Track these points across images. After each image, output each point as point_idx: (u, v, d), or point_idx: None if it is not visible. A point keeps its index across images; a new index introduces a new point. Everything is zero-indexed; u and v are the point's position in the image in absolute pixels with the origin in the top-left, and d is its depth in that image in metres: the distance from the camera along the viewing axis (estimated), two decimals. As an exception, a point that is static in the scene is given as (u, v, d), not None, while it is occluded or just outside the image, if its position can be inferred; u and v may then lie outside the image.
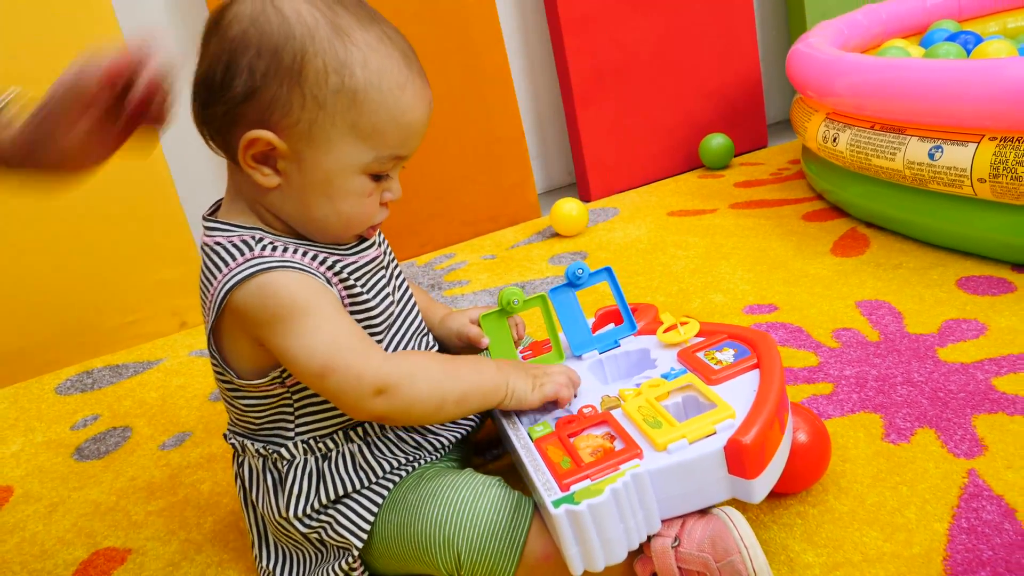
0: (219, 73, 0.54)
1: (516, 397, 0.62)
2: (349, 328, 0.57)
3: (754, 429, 0.53)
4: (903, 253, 1.08)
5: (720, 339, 0.68)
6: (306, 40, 0.53)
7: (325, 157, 0.56)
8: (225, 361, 0.60)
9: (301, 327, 0.55)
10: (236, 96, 0.54)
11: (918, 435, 0.70)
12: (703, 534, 0.54)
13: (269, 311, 0.55)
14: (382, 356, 0.58)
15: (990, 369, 0.78)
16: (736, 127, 1.78)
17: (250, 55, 0.53)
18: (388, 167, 0.59)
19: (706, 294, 1.09)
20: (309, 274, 0.56)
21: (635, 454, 0.55)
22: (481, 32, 1.51)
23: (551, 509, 0.51)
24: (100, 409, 1.12)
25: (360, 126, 0.55)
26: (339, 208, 0.58)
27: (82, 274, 1.29)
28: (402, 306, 0.67)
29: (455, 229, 1.56)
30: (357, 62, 0.54)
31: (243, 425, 0.64)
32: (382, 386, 0.56)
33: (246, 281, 0.55)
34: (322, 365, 0.55)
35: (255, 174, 0.56)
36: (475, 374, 0.62)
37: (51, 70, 0.58)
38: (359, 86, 0.55)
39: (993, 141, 0.93)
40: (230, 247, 0.57)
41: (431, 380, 0.58)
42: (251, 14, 0.54)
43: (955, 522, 0.60)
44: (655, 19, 1.66)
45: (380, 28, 0.56)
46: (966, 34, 1.43)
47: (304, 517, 0.61)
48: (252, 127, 0.54)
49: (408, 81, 0.57)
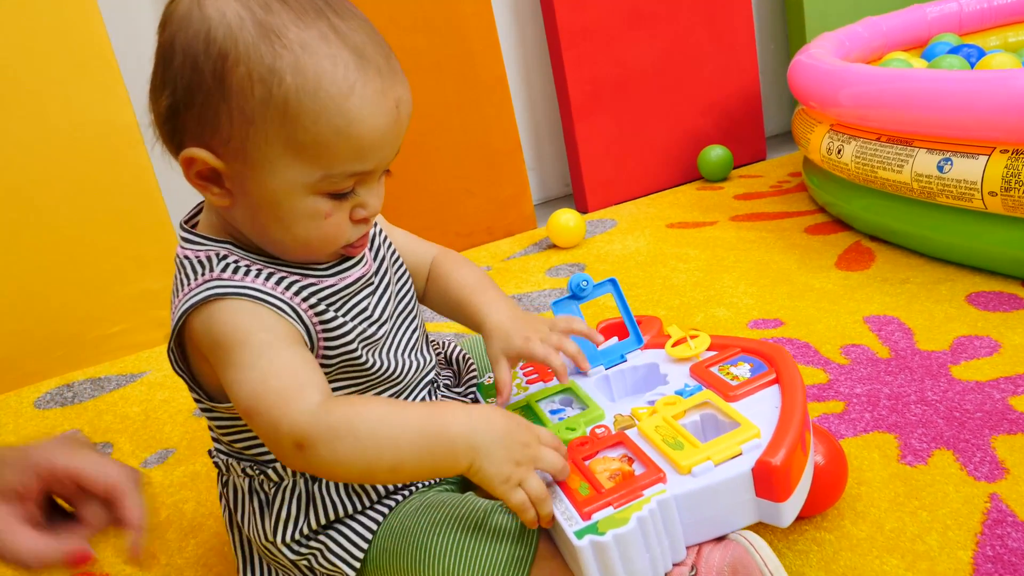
0: (156, 81, 0.50)
1: (481, 478, 0.49)
2: (285, 365, 0.49)
3: (783, 449, 0.50)
4: (910, 267, 1.06)
5: (734, 353, 0.65)
6: (227, 45, 0.46)
7: (267, 178, 0.49)
8: (195, 380, 0.56)
9: (235, 359, 0.49)
10: (163, 111, 0.50)
11: (935, 457, 0.67)
12: (722, 561, 0.50)
13: (212, 340, 0.50)
14: (310, 404, 0.48)
15: (1006, 388, 0.75)
16: (735, 139, 1.76)
17: (176, 65, 0.48)
18: (345, 185, 0.51)
19: (709, 308, 1.06)
20: (262, 303, 0.51)
21: (658, 478, 0.52)
22: (479, 43, 1.49)
23: (574, 541, 0.48)
24: (80, 424, 1.07)
25: (298, 141, 0.48)
26: (294, 232, 0.52)
27: (64, 283, 1.25)
28: (399, 321, 0.62)
29: (450, 240, 1.53)
30: (287, 67, 0.46)
31: (226, 443, 0.60)
32: (299, 440, 0.47)
33: (199, 307, 0.51)
34: (246, 406, 0.49)
35: (205, 193, 0.51)
36: (425, 440, 0.49)
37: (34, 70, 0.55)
38: (290, 95, 0.47)
39: (1005, 154, 0.90)
40: (195, 263, 0.53)
41: (360, 439, 0.48)
42: (179, 16, 0.48)
43: (980, 550, 0.57)
44: (654, 31, 1.64)
45: (327, 22, 0.48)
46: (968, 47, 1.42)
47: (292, 543, 0.57)
48: (190, 142, 0.49)
49: (357, 84, 0.48)
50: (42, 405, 1.16)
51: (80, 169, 1.23)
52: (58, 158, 1.22)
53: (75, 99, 1.21)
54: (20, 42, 1.16)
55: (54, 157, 1.21)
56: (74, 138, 1.22)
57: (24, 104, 1.19)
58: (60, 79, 1.19)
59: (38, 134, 1.20)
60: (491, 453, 0.49)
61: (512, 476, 0.50)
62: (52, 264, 1.24)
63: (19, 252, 1.22)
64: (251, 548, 0.61)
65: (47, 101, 1.20)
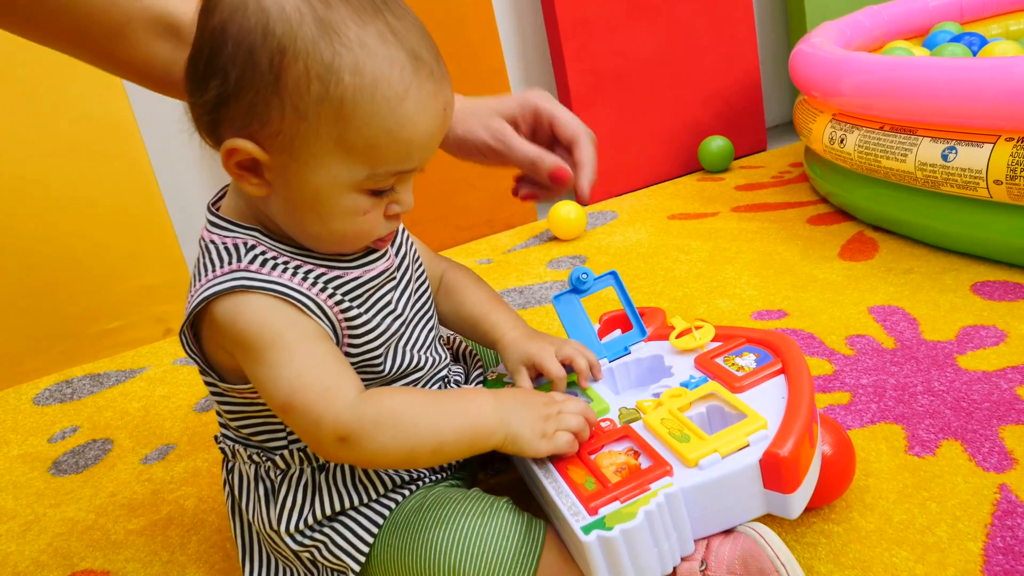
0: (200, 67, 0.49)
1: (517, 444, 0.54)
2: (320, 363, 0.51)
3: (790, 440, 0.50)
4: (914, 257, 1.05)
5: (739, 343, 0.64)
6: (286, 40, 0.45)
7: (312, 174, 0.49)
8: (208, 363, 0.55)
9: (267, 358, 0.50)
10: (210, 100, 0.48)
11: (943, 447, 0.67)
12: (732, 554, 0.50)
13: (239, 335, 0.50)
14: (349, 399, 0.50)
15: (1014, 378, 0.75)
16: (735, 130, 1.75)
17: (226, 54, 0.47)
18: (387, 184, 0.51)
19: (712, 299, 1.05)
20: (288, 301, 0.51)
21: (665, 471, 0.51)
22: (478, 34, 1.47)
23: (581, 536, 0.47)
24: (79, 420, 1.07)
25: (349, 141, 0.48)
26: (331, 226, 0.52)
27: (63, 279, 1.24)
28: (418, 318, 0.62)
29: (450, 233, 1.53)
30: (347, 67, 0.46)
31: (234, 429, 0.59)
32: (343, 434, 0.49)
33: (223, 296, 0.50)
34: (283, 403, 0.50)
35: (242, 183, 0.51)
36: (460, 418, 0.53)
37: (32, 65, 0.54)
38: (347, 95, 0.46)
39: (1010, 142, 0.90)
40: (221, 249, 0.53)
41: (402, 428, 0.51)
42: (230, 6, 0.47)
43: (990, 541, 0.56)
44: (654, 22, 1.63)
45: (384, 22, 0.48)
46: (970, 35, 1.41)
47: (296, 533, 0.56)
48: (235, 131, 0.49)
49: (412, 88, 0.48)
50: (41, 401, 1.16)
51: (78, 165, 1.22)
52: (56, 154, 1.21)
53: (73, 95, 1.20)
54: (17, 38, 1.15)
55: (52, 153, 1.20)
56: (72, 134, 1.21)
57: (22, 100, 1.18)
58: (57, 75, 1.18)
59: (36, 130, 1.19)
60: (522, 420, 0.54)
61: (545, 431, 0.54)
62: (51, 260, 1.23)
63: (18, 248, 1.21)
64: (252, 536, 0.61)
65: (45, 97, 1.19)
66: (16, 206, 1.20)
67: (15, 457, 1.00)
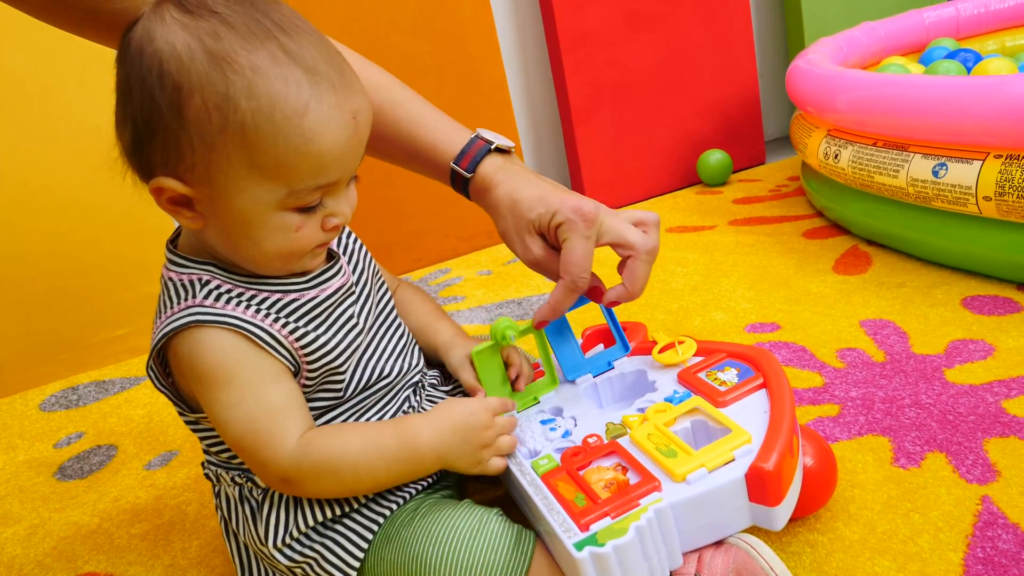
0: (118, 115, 0.51)
1: (454, 470, 0.59)
2: (268, 407, 0.53)
3: (774, 454, 0.51)
4: (906, 271, 1.06)
5: (720, 358, 0.65)
6: (181, 77, 0.47)
7: (234, 199, 0.50)
8: (178, 394, 0.58)
9: (220, 398, 0.53)
10: (128, 145, 0.51)
11: (928, 460, 0.68)
12: (725, 566, 0.51)
13: (196, 372, 0.53)
14: (289, 446, 0.53)
15: (1000, 391, 0.76)
16: (734, 144, 1.77)
17: (134, 101, 0.49)
18: (312, 199, 0.51)
19: (706, 312, 1.07)
20: (243, 334, 0.53)
21: (654, 487, 0.52)
22: (479, 46, 1.50)
23: (574, 553, 0.48)
24: (85, 426, 1.09)
25: (259, 163, 0.49)
26: (264, 248, 0.53)
27: (69, 287, 1.26)
28: (384, 328, 0.64)
29: (451, 244, 1.54)
30: (241, 92, 0.47)
31: (214, 454, 0.61)
32: (286, 476, 0.54)
33: (180, 332, 0.53)
34: (233, 441, 0.54)
35: (178, 218, 0.53)
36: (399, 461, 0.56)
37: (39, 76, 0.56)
38: (247, 120, 0.47)
39: (999, 159, 0.91)
40: (178, 285, 0.55)
41: (339, 474, 0.54)
42: (132, 52, 0.49)
43: (970, 551, 0.58)
44: (653, 36, 1.65)
45: (276, 43, 0.48)
46: (965, 52, 1.43)
47: (285, 548, 0.58)
48: (159, 170, 0.50)
49: (311, 102, 0.48)
50: (47, 407, 1.18)
51: (85, 175, 1.24)
52: (64, 163, 1.23)
53: (80, 105, 1.22)
54: (24, 48, 1.18)
55: (60, 162, 1.23)
56: (78, 143, 1.23)
57: (29, 110, 1.20)
58: (65, 85, 1.21)
59: (43, 140, 1.21)
60: (459, 453, 0.58)
61: (481, 460, 0.59)
62: (58, 269, 1.25)
63: (25, 256, 1.23)
64: (248, 554, 0.62)
65: (54, 107, 1.21)
66: (24, 215, 1.22)
67: (21, 462, 1.02)
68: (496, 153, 0.68)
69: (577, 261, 0.62)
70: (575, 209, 0.61)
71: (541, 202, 0.63)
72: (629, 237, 0.63)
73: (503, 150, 0.69)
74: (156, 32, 0.48)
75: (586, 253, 0.62)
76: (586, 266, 0.62)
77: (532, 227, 0.64)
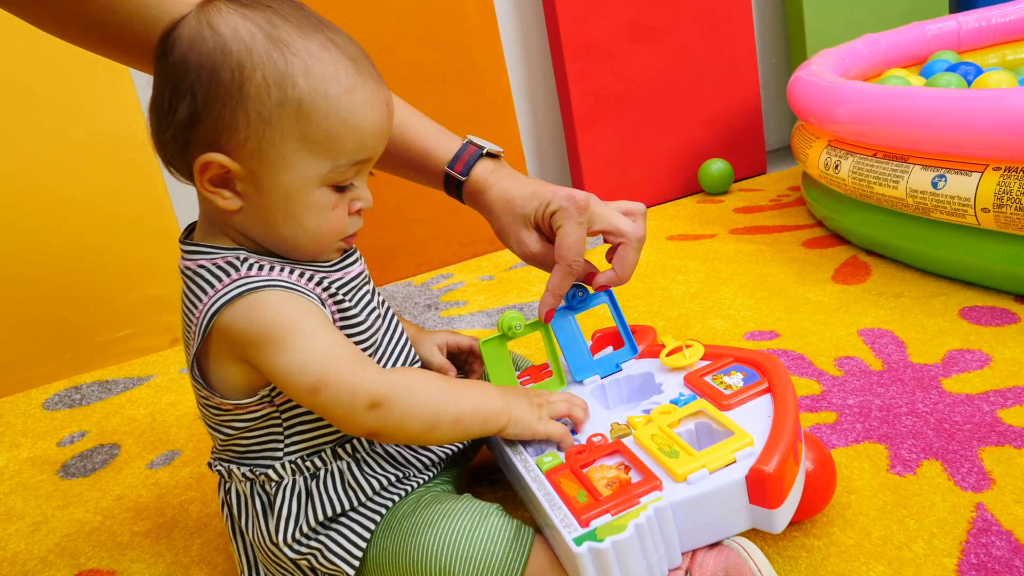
0: (165, 99, 0.53)
1: (520, 425, 0.60)
2: (341, 342, 0.55)
3: (776, 457, 0.52)
4: (904, 282, 1.07)
5: (727, 362, 0.66)
6: (243, 56, 0.52)
7: (281, 174, 0.54)
8: (210, 385, 0.58)
9: (290, 344, 0.53)
10: (181, 121, 0.53)
11: (924, 467, 0.69)
12: (716, 566, 0.52)
13: (257, 331, 0.53)
14: (376, 369, 0.56)
15: (996, 401, 0.77)
16: (736, 153, 1.78)
17: (191, 78, 0.52)
18: (349, 175, 0.56)
19: (706, 319, 1.08)
20: (296, 292, 0.55)
21: (655, 486, 0.53)
22: (484, 55, 1.51)
23: (573, 547, 0.49)
24: (88, 426, 1.09)
25: (311, 137, 0.53)
26: (305, 224, 0.56)
27: (74, 288, 1.27)
28: (387, 322, 0.66)
29: (453, 250, 1.55)
30: (299, 71, 0.52)
31: (230, 450, 0.62)
32: (376, 399, 0.54)
33: (233, 302, 0.53)
34: (314, 380, 0.53)
35: (215, 198, 0.55)
36: (476, 397, 0.59)
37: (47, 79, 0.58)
38: (303, 95, 0.52)
39: (997, 171, 0.92)
40: (215, 269, 0.56)
41: (428, 397, 0.56)
42: (189, 36, 0.52)
43: (964, 558, 0.58)
44: (657, 45, 1.67)
45: (324, 35, 0.54)
46: (966, 65, 1.44)
47: (293, 543, 0.59)
48: (204, 150, 0.53)
49: (357, 84, 0.54)
50: (50, 406, 1.18)
51: (92, 178, 1.25)
52: (69, 166, 1.24)
53: (87, 108, 1.23)
54: (33, 52, 1.19)
55: (65, 165, 1.24)
56: (86, 147, 1.24)
57: (37, 113, 1.21)
58: (72, 88, 1.22)
59: (50, 143, 1.23)
60: (521, 405, 0.61)
61: (541, 415, 0.61)
62: (62, 270, 1.26)
63: (31, 258, 1.24)
64: (255, 553, 0.63)
65: (59, 110, 1.22)
66: (31, 217, 1.23)
67: (25, 460, 1.02)
68: (487, 158, 0.73)
69: (571, 246, 0.66)
70: (568, 197, 0.66)
71: (534, 196, 0.68)
72: (620, 225, 0.67)
73: (493, 155, 0.73)
74: (216, 20, 0.52)
75: (579, 238, 0.66)
76: (580, 250, 0.66)
77: (527, 221, 0.69)
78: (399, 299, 1.40)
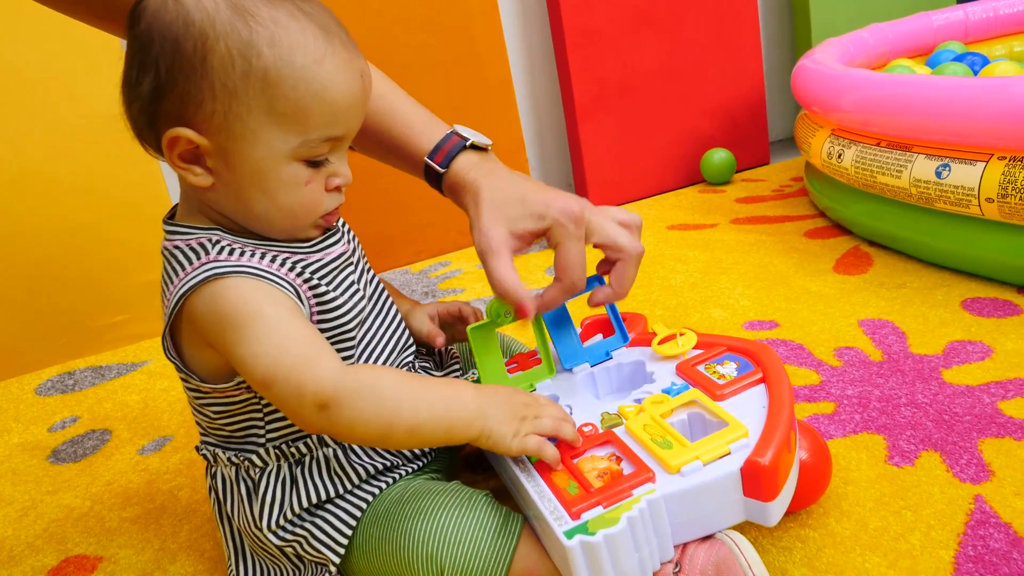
0: (133, 72, 0.52)
1: (492, 440, 0.54)
2: (301, 335, 0.52)
3: (771, 449, 0.51)
4: (906, 272, 1.06)
5: (720, 351, 0.65)
6: (206, 26, 0.50)
7: (250, 148, 0.52)
8: (187, 366, 0.57)
9: (247, 335, 0.51)
10: (147, 94, 0.51)
11: (922, 458, 0.68)
12: (706, 559, 0.51)
13: (219, 318, 0.52)
14: (332, 367, 0.51)
15: (996, 392, 0.75)
16: (738, 143, 1.76)
17: (155, 50, 0.50)
18: (322, 151, 0.54)
19: (705, 309, 1.06)
20: (264, 279, 0.53)
21: (648, 477, 0.52)
22: (485, 43, 1.49)
23: (564, 541, 0.48)
24: (80, 411, 1.09)
25: (279, 109, 0.51)
26: (277, 201, 0.54)
27: (67, 273, 1.26)
28: (375, 303, 0.64)
29: (451, 237, 1.54)
30: (264, 41, 0.50)
31: (215, 434, 0.61)
32: (324, 400, 0.50)
33: (199, 288, 0.52)
34: (265, 374, 0.50)
35: (187, 175, 0.53)
36: (441, 404, 0.53)
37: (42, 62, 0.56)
38: (269, 65, 0.50)
39: (1002, 160, 0.91)
40: (187, 250, 0.54)
41: (381, 401, 0.51)
42: (153, 7, 0.51)
43: (961, 550, 0.57)
44: (659, 34, 1.65)
45: (293, 3, 0.52)
46: (973, 55, 1.42)
47: (278, 529, 0.58)
48: (171, 124, 0.51)
49: (327, 53, 0.52)
50: (43, 392, 1.18)
51: (87, 162, 1.24)
52: (65, 150, 1.23)
53: (81, 91, 1.22)
54: (28, 35, 1.18)
55: (61, 149, 1.23)
56: (80, 130, 1.23)
57: (31, 96, 1.20)
58: (67, 71, 1.21)
59: (45, 125, 1.21)
60: (499, 417, 0.54)
61: (519, 431, 0.54)
62: (57, 255, 1.25)
63: (25, 242, 1.23)
64: (241, 538, 0.62)
65: (53, 93, 1.21)
66: (25, 201, 1.22)
67: (15, 445, 1.02)
68: (472, 150, 0.67)
69: (574, 265, 0.61)
70: (563, 211, 0.60)
71: (522, 203, 0.62)
72: (619, 240, 0.62)
73: (479, 147, 0.68)
74: None
75: (580, 254, 0.61)
76: (583, 268, 0.62)
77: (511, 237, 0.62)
78: (396, 286, 1.39)
